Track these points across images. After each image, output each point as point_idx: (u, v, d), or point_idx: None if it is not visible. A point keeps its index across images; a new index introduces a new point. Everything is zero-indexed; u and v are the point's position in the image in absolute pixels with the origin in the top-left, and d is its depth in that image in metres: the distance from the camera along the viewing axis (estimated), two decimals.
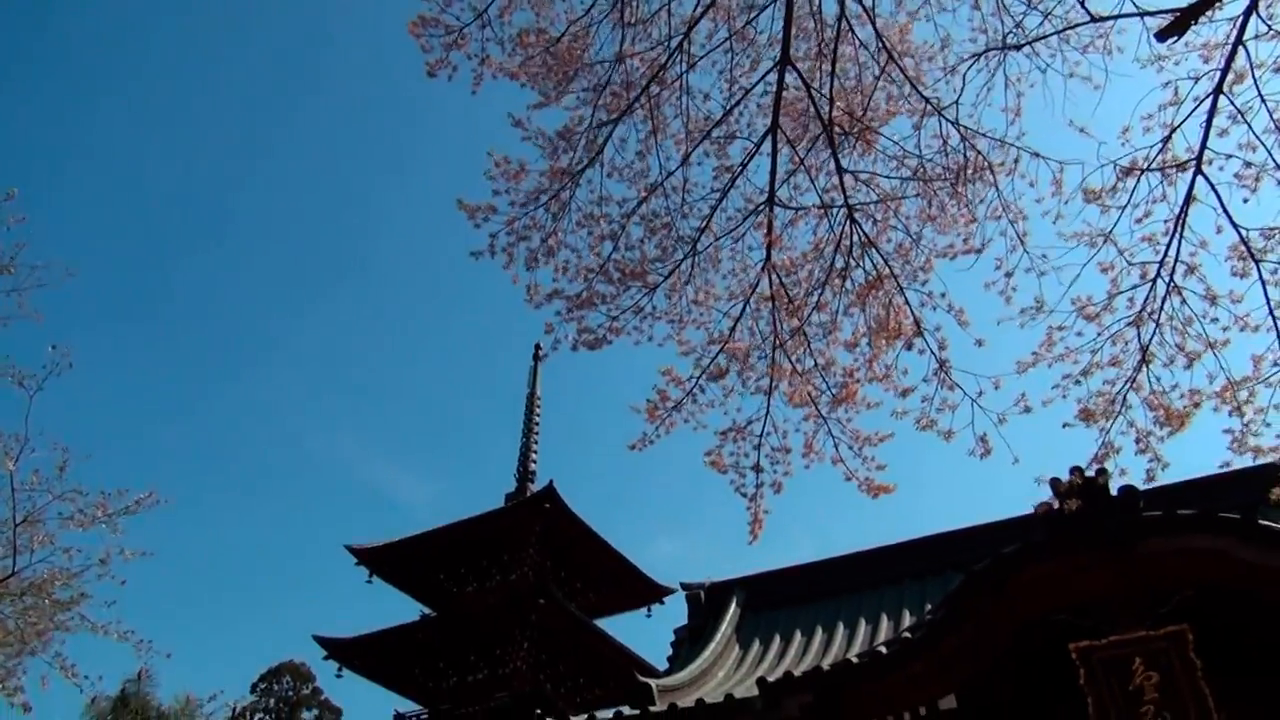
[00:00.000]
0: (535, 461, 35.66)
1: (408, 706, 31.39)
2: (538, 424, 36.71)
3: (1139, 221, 5.18)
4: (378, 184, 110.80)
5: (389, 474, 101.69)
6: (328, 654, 30.80)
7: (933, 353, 5.37)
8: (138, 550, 9.20)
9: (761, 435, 5.62)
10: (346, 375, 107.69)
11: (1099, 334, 5.27)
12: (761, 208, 5.73)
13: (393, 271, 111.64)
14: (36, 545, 8.96)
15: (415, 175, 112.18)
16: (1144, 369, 5.25)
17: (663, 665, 15.17)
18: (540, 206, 5.47)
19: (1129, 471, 5.37)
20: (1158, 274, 5.18)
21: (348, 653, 30.73)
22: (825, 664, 10.03)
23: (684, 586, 15.77)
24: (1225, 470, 11.74)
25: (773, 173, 5.71)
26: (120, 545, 9.16)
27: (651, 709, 10.53)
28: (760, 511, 5.62)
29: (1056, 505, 9.25)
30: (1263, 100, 4.84)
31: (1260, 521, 8.37)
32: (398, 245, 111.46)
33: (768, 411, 5.64)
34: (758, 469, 5.62)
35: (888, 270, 5.44)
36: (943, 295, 5.40)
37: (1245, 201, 5.11)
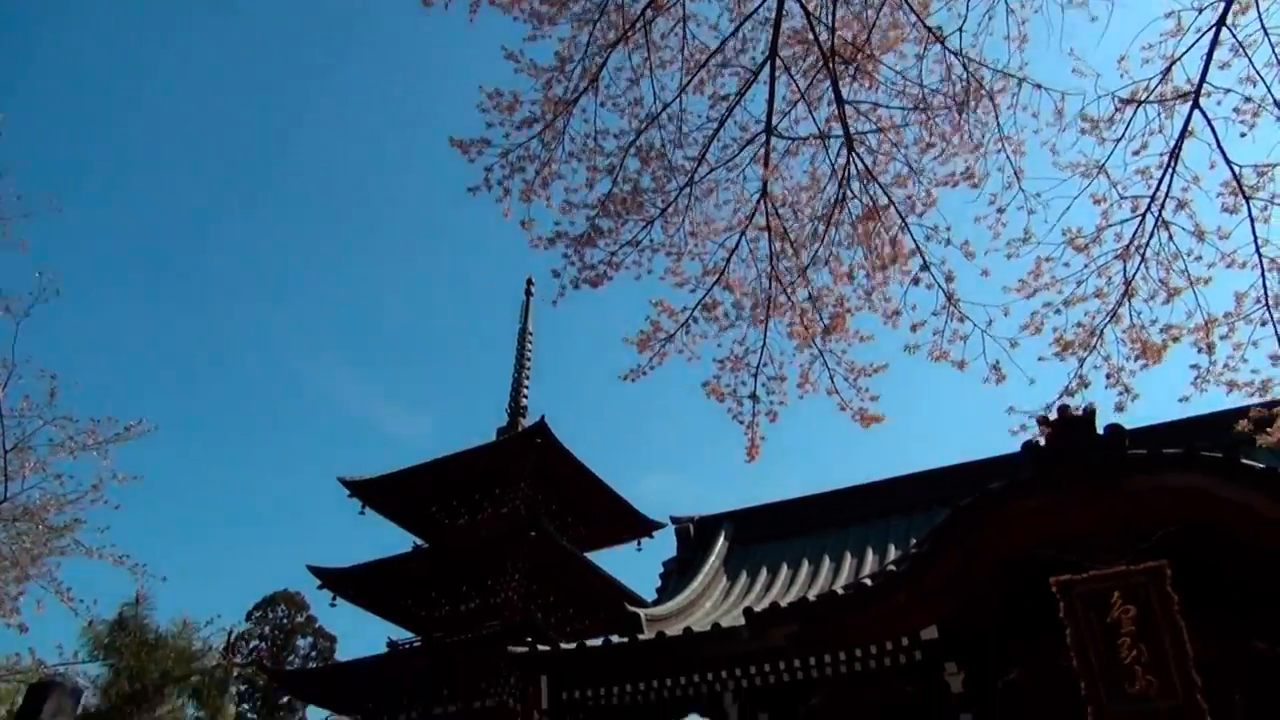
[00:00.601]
0: (527, 396, 35.81)
1: (401, 635, 31.99)
2: (529, 359, 36.78)
3: (1134, 155, 5.15)
4: (371, 119, 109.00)
5: (380, 407, 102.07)
6: (321, 584, 31.22)
7: (940, 286, 5.37)
8: (129, 474, 9.26)
9: (758, 365, 5.65)
10: (337, 307, 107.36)
11: (1085, 265, 5.30)
12: (759, 137, 5.66)
13: (385, 204, 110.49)
14: (28, 472, 9.01)
15: (408, 110, 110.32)
16: (1126, 302, 5.29)
17: (652, 598, 15.45)
18: (534, 137, 5.38)
19: (1096, 404, 5.47)
20: (1148, 208, 5.18)
21: (341, 582, 31.17)
22: (811, 595, 10.23)
23: (673, 520, 15.98)
24: (1208, 412, 11.91)
25: (770, 102, 5.63)
26: (112, 471, 9.22)
27: (640, 637, 10.75)
28: (756, 438, 5.70)
29: (1043, 442, 9.38)
30: (1265, 33, 4.78)
31: (1243, 461, 8.49)
32: (390, 179, 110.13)
33: (764, 343, 5.66)
34: (754, 398, 5.66)
35: (887, 201, 5.40)
36: (947, 229, 5.38)
37: (1242, 136, 5.09)
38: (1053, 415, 9.22)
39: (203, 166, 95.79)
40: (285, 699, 36.39)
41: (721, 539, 14.65)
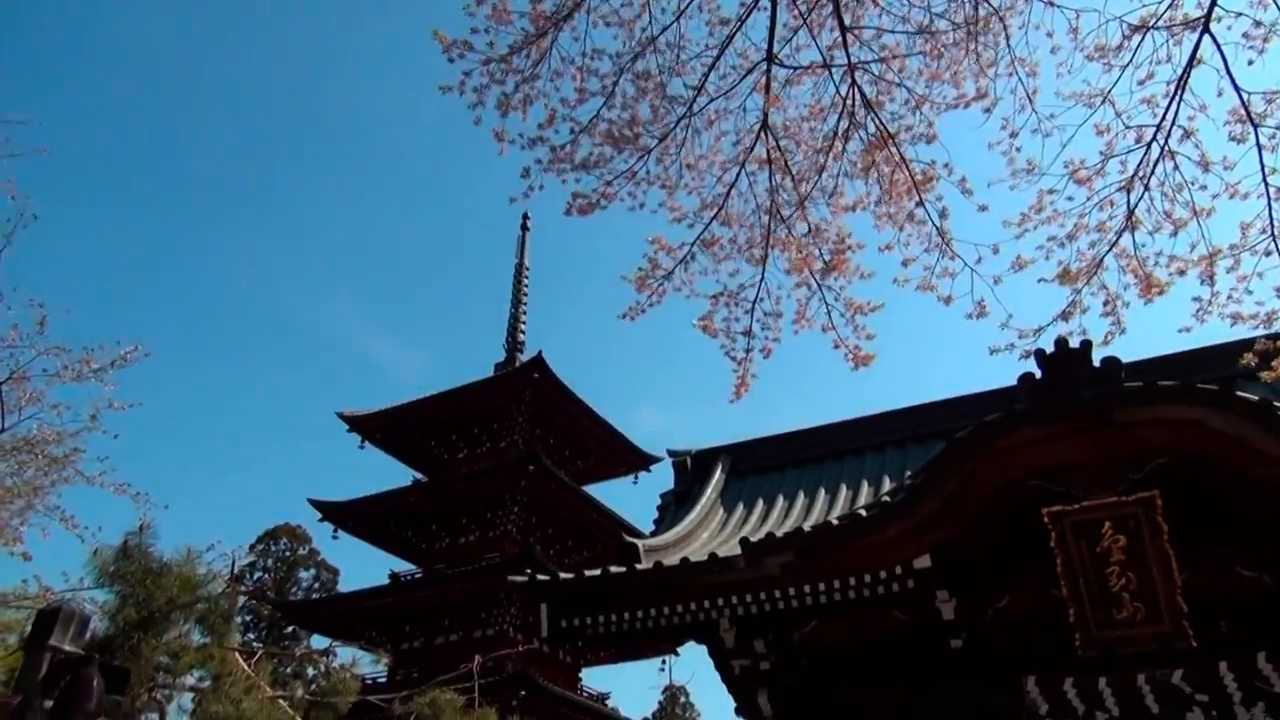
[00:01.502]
0: (524, 332, 35.86)
1: (403, 567, 32.55)
2: (526, 294, 36.71)
3: (1141, 83, 5.07)
4: (372, 47, 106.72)
5: (379, 342, 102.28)
6: (323, 516, 31.69)
7: (934, 224, 5.34)
8: (128, 402, 9.29)
9: (754, 301, 5.63)
10: (335, 243, 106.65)
11: (1088, 198, 5.25)
12: (759, 66, 5.54)
13: (385, 140, 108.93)
14: (25, 403, 9.03)
15: (412, 41, 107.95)
16: (1129, 234, 5.26)
17: (649, 530, 15.62)
18: (517, 51, 5.21)
19: (1088, 330, 5.48)
20: (1153, 138, 5.11)
21: (342, 515, 31.62)
22: (806, 526, 10.36)
23: (670, 453, 16.08)
24: (1204, 345, 11.95)
25: (771, 29, 5.50)
26: (109, 398, 9.24)
27: (638, 566, 10.91)
28: (748, 375, 5.71)
29: (1039, 375, 9.42)
30: None
31: (1238, 393, 8.54)
32: (391, 113, 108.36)
33: (762, 278, 5.62)
34: (748, 334, 5.65)
35: (889, 133, 5.32)
36: (945, 165, 5.32)
37: (1250, 64, 5.01)
38: (1049, 349, 9.31)
39: (193, 88, 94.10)
40: (290, 629, 37.14)
41: (718, 471, 14.75)
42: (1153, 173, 5.18)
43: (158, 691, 8.22)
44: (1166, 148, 5.12)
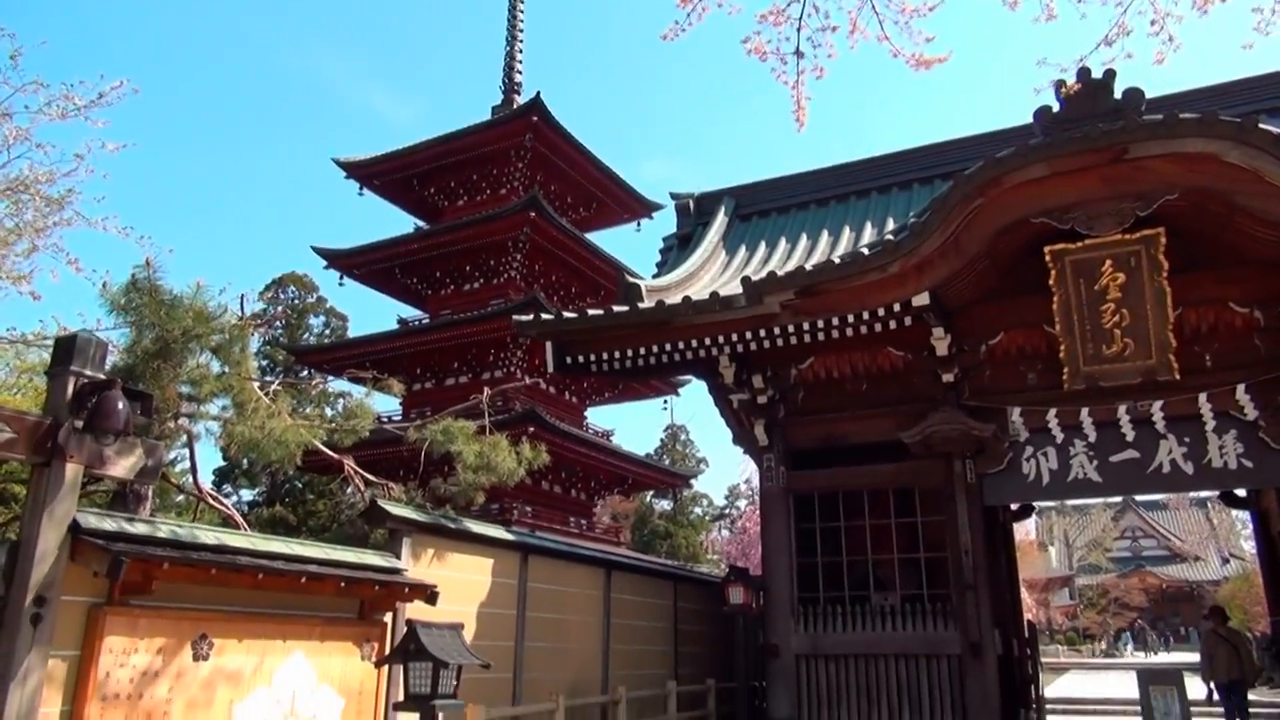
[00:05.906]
0: (521, 73, 34.28)
1: (411, 313, 33.19)
2: (522, 29, 34.72)
3: None
4: None
5: (371, 91, 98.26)
6: (327, 264, 31.91)
7: None
8: (120, 143, 9.05)
9: (801, 17, 5.24)
10: None
11: None
12: None
13: None
14: (12, 140, 8.80)
15: None
16: None
17: (652, 275, 15.67)
18: None
19: (1135, 55, 5.14)
20: None
21: (346, 262, 31.83)
22: (808, 265, 10.38)
23: (673, 196, 15.84)
24: (1225, 80, 11.37)
25: None
26: (100, 139, 9.00)
27: (640, 305, 11.07)
28: (802, 98, 5.44)
29: (1057, 107, 9.07)
30: None
31: (1260, 125, 8.25)
32: None
33: None
34: (799, 54, 5.32)
35: None
36: None
37: None
38: (1071, 79, 8.88)
39: None
40: (304, 371, 38.54)
41: (721, 214, 14.58)
42: None
43: (182, 419, 8.64)
44: None
